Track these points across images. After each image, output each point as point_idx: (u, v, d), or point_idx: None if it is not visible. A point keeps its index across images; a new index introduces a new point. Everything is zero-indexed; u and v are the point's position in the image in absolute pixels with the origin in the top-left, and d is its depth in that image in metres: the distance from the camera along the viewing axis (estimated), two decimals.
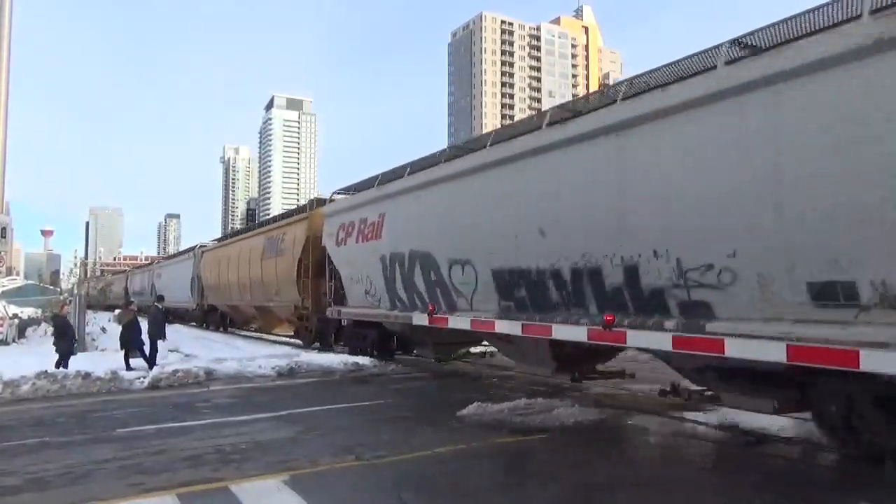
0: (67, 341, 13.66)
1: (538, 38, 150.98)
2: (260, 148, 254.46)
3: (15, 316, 22.11)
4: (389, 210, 13.39)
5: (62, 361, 12.95)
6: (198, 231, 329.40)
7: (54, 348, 13.46)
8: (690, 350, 6.86)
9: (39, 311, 24.17)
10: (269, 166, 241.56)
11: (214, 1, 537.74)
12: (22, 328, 22.17)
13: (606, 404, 9.65)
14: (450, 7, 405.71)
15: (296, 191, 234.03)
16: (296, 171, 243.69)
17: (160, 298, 17.03)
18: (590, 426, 8.26)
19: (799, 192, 5.73)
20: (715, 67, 6.68)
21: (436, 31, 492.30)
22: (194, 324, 32.50)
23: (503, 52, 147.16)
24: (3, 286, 28.09)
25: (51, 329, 18.68)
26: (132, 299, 24.03)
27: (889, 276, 5.19)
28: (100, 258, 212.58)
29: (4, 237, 18.53)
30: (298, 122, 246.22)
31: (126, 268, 78.00)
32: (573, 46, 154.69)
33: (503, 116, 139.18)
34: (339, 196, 17.13)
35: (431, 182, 11.80)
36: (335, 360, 14.93)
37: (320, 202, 18.77)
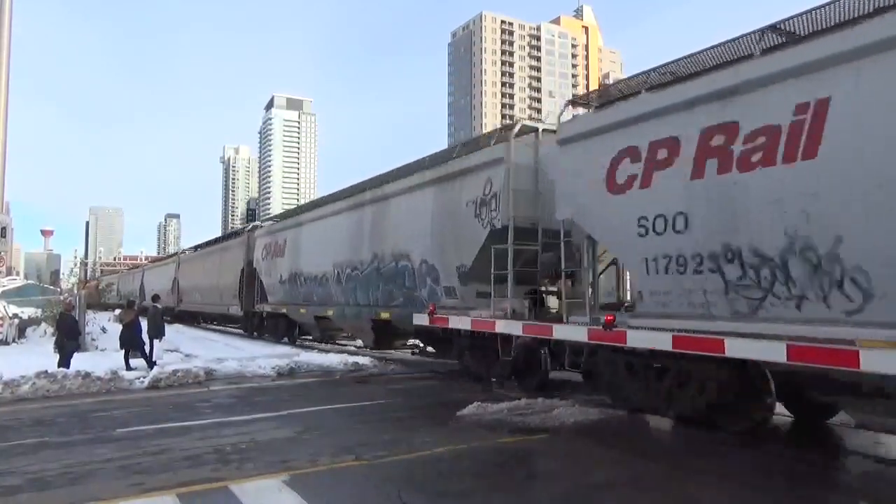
0: (75, 340, 13.62)
1: (538, 38, 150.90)
2: (260, 148, 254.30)
3: (15, 316, 22.04)
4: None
5: (68, 361, 12.88)
6: (198, 231, 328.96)
7: (56, 347, 13.42)
8: (690, 349, 7.17)
9: (39, 311, 24.06)
10: (269, 166, 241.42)
11: (214, 1, 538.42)
12: (22, 328, 22.12)
13: (606, 404, 9.65)
14: (450, 7, 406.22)
15: (296, 191, 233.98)
16: (296, 170, 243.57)
17: (156, 298, 17.04)
18: (590, 426, 8.27)
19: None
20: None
21: (436, 31, 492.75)
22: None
23: (503, 52, 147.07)
24: (3, 286, 28.00)
25: (51, 329, 18.64)
26: (132, 299, 24.05)
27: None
28: (100, 258, 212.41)
29: (4, 237, 18.46)
30: (298, 122, 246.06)
31: (123, 268, 77.57)
32: (573, 46, 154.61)
33: (503, 116, 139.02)
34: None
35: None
36: (335, 360, 14.94)
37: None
